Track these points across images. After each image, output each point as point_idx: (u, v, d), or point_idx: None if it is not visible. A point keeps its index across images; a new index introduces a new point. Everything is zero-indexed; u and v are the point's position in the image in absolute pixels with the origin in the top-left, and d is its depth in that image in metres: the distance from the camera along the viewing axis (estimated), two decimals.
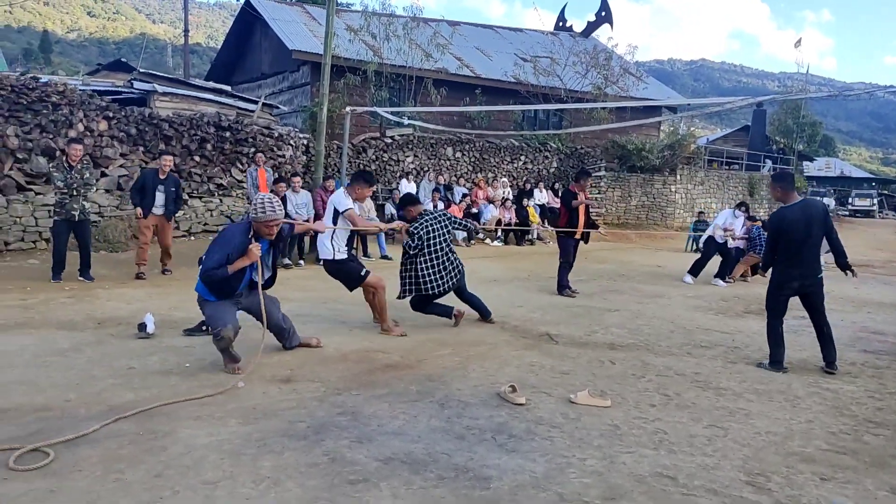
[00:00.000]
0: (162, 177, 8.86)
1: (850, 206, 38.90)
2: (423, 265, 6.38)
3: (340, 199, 6.12)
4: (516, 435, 3.85)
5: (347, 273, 6.17)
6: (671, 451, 3.71)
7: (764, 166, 28.55)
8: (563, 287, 8.94)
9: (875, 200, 40.18)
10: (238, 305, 4.99)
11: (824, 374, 5.56)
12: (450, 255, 6.56)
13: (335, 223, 6.05)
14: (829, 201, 39.21)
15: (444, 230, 6.58)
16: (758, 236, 11.12)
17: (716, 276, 10.89)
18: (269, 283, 5.16)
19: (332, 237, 6.06)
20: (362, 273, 6.16)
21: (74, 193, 8.05)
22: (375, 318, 6.46)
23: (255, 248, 4.71)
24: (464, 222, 7.42)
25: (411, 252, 6.37)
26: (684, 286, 10.40)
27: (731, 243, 11.10)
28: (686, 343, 6.46)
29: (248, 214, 4.80)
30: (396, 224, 6.84)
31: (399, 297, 6.55)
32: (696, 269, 10.84)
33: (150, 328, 5.70)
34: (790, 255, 5.57)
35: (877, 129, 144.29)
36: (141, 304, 6.96)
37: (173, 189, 8.95)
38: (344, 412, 4.09)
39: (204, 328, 5.80)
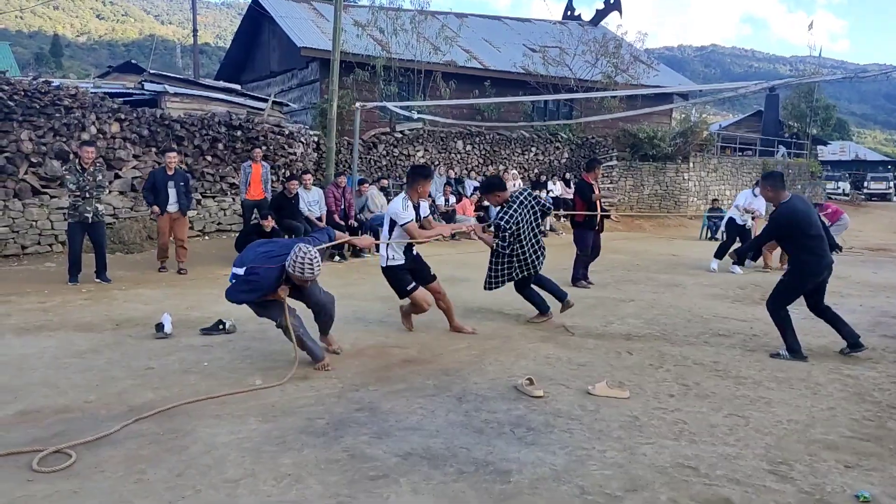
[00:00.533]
0: (170, 173, 9.10)
1: (865, 190, 38.48)
2: (514, 256, 6.14)
3: (398, 210, 5.66)
4: (535, 428, 3.83)
5: (396, 283, 5.84)
6: (692, 442, 3.68)
7: (778, 151, 28.28)
8: (577, 279, 8.87)
9: (891, 184, 39.71)
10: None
11: (846, 357, 5.51)
12: (536, 245, 6.22)
13: (391, 233, 5.74)
14: (845, 185, 38.88)
15: (533, 217, 6.22)
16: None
17: (733, 263, 10.63)
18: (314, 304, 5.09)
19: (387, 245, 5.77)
20: (408, 288, 5.78)
21: (87, 196, 8.11)
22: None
23: (283, 292, 4.73)
24: (548, 205, 6.65)
25: (504, 252, 6.03)
26: (700, 275, 10.32)
27: (749, 222, 10.92)
28: (703, 332, 6.42)
29: (282, 257, 4.61)
30: (465, 226, 6.40)
31: (488, 288, 6.33)
32: (720, 254, 10.72)
33: (168, 328, 5.72)
34: (816, 247, 5.49)
35: (891, 111, 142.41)
36: (158, 305, 7.00)
37: (183, 184, 9.21)
38: (362, 408, 4.09)
39: (220, 327, 5.83)
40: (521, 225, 6.04)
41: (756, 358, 5.50)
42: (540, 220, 6.44)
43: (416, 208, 5.77)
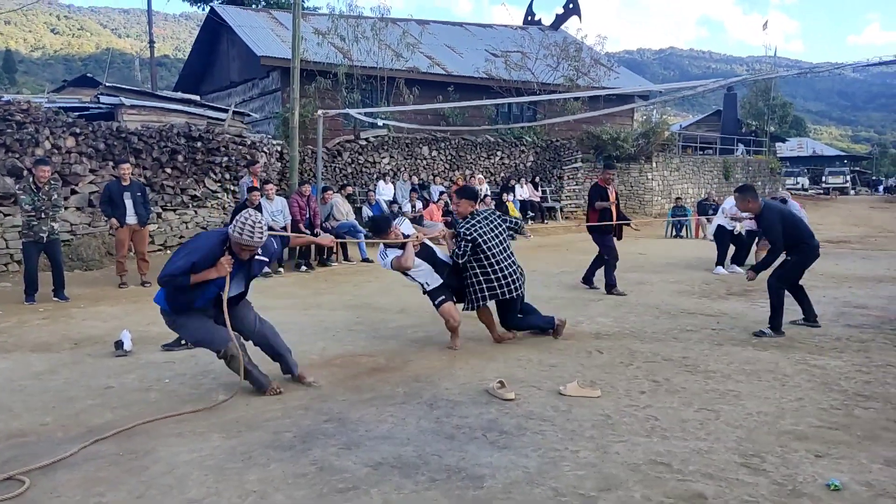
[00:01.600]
0: (125, 184, 8.96)
1: (823, 185, 39.43)
2: (480, 272, 5.70)
3: (381, 262, 5.76)
4: (507, 431, 3.78)
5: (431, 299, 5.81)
6: (664, 438, 3.67)
7: (737, 149, 28.82)
8: (611, 285, 8.40)
9: (848, 178, 40.78)
10: (213, 319, 4.40)
11: (813, 347, 5.60)
12: (508, 259, 5.81)
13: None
14: (804, 180, 39.81)
15: (500, 234, 5.87)
16: None
17: (732, 262, 10.62)
18: (236, 299, 4.48)
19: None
20: (435, 302, 5.71)
21: (43, 216, 7.88)
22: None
23: (227, 263, 4.18)
24: (518, 221, 6.44)
25: (460, 262, 5.68)
26: (667, 272, 10.41)
27: (738, 228, 10.81)
28: (672, 328, 6.45)
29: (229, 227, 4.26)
30: (436, 231, 6.29)
31: (465, 309, 5.86)
32: (721, 260, 10.63)
33: (128, 345, 5.55)
34: (807, 233, 6.27)
35: (845, 108, 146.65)
36: (118, 322, 6.80)
37: (140, 194, 9.07)
38: (330, 419, 3.99)
39: (183, 342, 5.67)
40: (483, 238, 5.71)
41: (724, 351, 5.53)
42: (509, 238, 6.07)
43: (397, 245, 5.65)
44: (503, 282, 5.69)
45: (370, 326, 6.43)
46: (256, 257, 4.37)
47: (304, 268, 10.55)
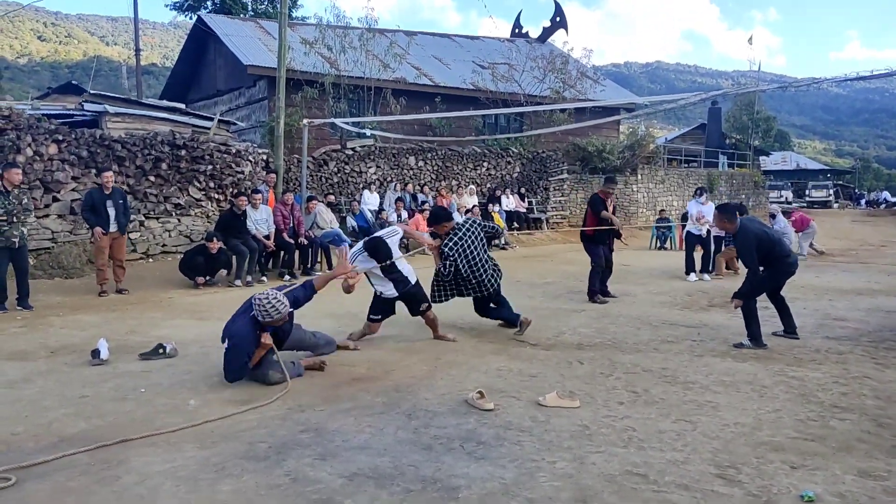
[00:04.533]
0: (107, 192, 8.96)
1: (807, 198, 39.82)
2: (460, 276, 6.22)
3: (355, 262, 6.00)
4: (485, 442, 3.77)
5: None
6: (641, 448, 3.67)
7: (720, 163, 29.09)
8: (593, 293, 8.66)
9: (831, 191, 41.21)
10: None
11: (791, 359, 5.62)
12: (486, 263, 6.34)
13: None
14: (787, 194, 40.22)
15: (480, 241, 6.32)
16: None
17: (700, 271, 11.09)
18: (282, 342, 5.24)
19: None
20: (369, 317, 6.24)
21: (14, 220, 7.78)
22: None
23: (267, 339, 4.84)
24: (496, 228, 6.93)
25: (445, 272, 6.16)
26: (650, 283, 10.46)
27: (704, 230, 11.12)
28: (653, 339, 6.47)
29: (250, 313, 4.86)
30: (424, 241, 6.59)
31: (434, 302, 6.38)
32: (690, 266, 11.03)
33: (105, 354, 5.49)
34: (783, 251, 6.31)
35: (828, 122, 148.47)
36: (96, 330, 6.72)
37: (121, 202, 9.10)
38: (307, 429, 3.96)
39: (161, 351, 5.62)
40: (468, 251, 6.19)
41: (704, 363, 5.55)
42: (487, 242, 6.57)
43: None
44: (474, 284, 6.25)
45: (352, 335, 6.37)
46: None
47: (287, 277, 10.49)
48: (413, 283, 6.11)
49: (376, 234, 6.09)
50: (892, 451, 3.66)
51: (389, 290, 6.04)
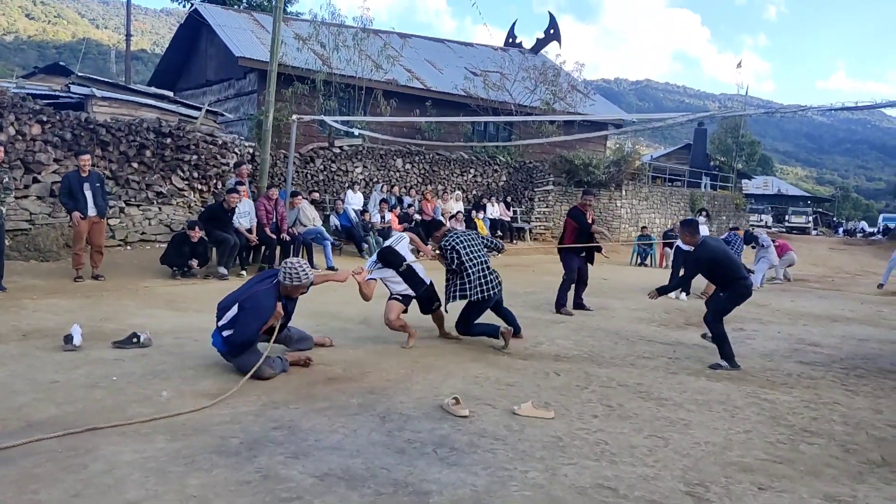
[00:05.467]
0: (84, 175, 8.83)
1: (786, 223, 40.38)
2: (465, 275, 6.32)
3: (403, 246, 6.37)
4: (458, 448, 3.77)
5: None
6: (612, 462, 3.69)
7: (703, 183, 29.42)
8: (560, 304, 8.70)
9: (810, 218, 41.84)
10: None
11: (764, 381, 5.68)
12: (487, 268, 6.47)
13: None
14: (767, 218, 40.75)
15: (477, 245, 6.52)
16: (733, 241, 11.16)
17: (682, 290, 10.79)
18: (284, 325, 5.33)
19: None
20: (390, 297, 6.33)
21: None
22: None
23: (280, 310, 5.02)
24: (498, 244, 7.17)
25: (455, 266, 6.33)
26: (629, 298, 10.53)
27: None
28: (629, 354, 6.51)
29: (275, 278, 5.07)
30: (428, 253, 6.90)
31: (445, 305, 6.55)
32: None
33: (77, 340, 5.41)
34: (740, 275, 6.40)
35: (811, 150, 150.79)
36: (70, 316, 6.63)
37: (98, 185, 8.97)
38: (280, 427, 3.94)
39: (134, 340, 5.56)
40: (466, 248, 6.36)
41: (678, 380, 5.60)
42: (487, 252, 6.68)
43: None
44: (475, 287, 6.29)
45: (330, 335, 6.35)
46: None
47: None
48: (428, 283, 6.39)
49: (385, 244, 6.42)
50: (858, 477, 3.72)
51: (407, 290, 6.26)
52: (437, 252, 6.59)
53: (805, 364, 6.58)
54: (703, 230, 11.30)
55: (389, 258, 6.19)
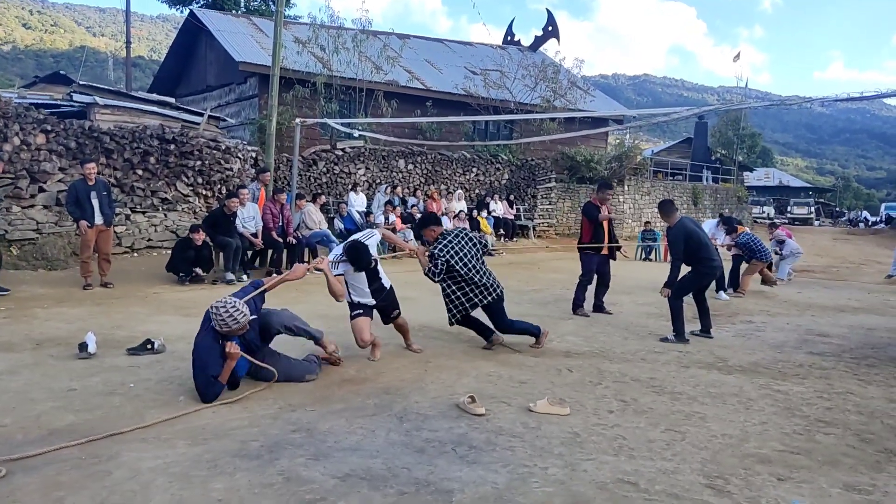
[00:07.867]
0: (91, 183, 8.86)
1: (788, 214, 40.37)
2: (457, 288, 5.96)
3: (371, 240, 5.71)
4: (477, 446, 3.78)
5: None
6: (631, 457, 3.70)
7: (705, 177, 29.40)
8: (577, 305, 8.44)
9: (812, 209, 41.83)
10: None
11: (776, 373, 5.69)
12: (481, 270, 6.06)
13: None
14: (770, 209, 40.72)
15: (471, 247, 6.07)
16: (747, 242, 10.96)
17: (717, 289, 10.37)
18: (265, 350, 4.95)
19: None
20: (352, 314, 5.82)
21: None
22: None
23: (233, 349, 4.45)
24: (486, 242, 6.80)
25: (436, 279, 5.88)
26: (636, 293, 10.53)
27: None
28: (640, 349, 6.53)
29: (210, 322, 4.51)
30: (409, 247, 6.60)
31: (450, 324, 6.18)
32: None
33: (92, 348, 5.44)
34: (708, 255, 7.01)
35: (811, 141, 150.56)
36: (82, 324, 6.66)
37: (105, 193, 9.01)
38: (299, 429, 3.96)
39: (148, 346, 5.58)
40: (456, 256, 5.90)
41: (690, 374, 5.61)
42: (481, 254, 6.33)
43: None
44: (479, 291, 6.02)
45: (342, 337, 6.37)
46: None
47: (275, 276, 10.42)
48: (388, 288, 5.89)
49: (354, 238, 5.65)
50: (875, 466, 3.73)
51: (367, 298, 5.74)
52: (427, 253, 6.02)
53: (815, 354, 6.59)
54: (720, 235, 11.30)
55: (358, 255, 5.43)
